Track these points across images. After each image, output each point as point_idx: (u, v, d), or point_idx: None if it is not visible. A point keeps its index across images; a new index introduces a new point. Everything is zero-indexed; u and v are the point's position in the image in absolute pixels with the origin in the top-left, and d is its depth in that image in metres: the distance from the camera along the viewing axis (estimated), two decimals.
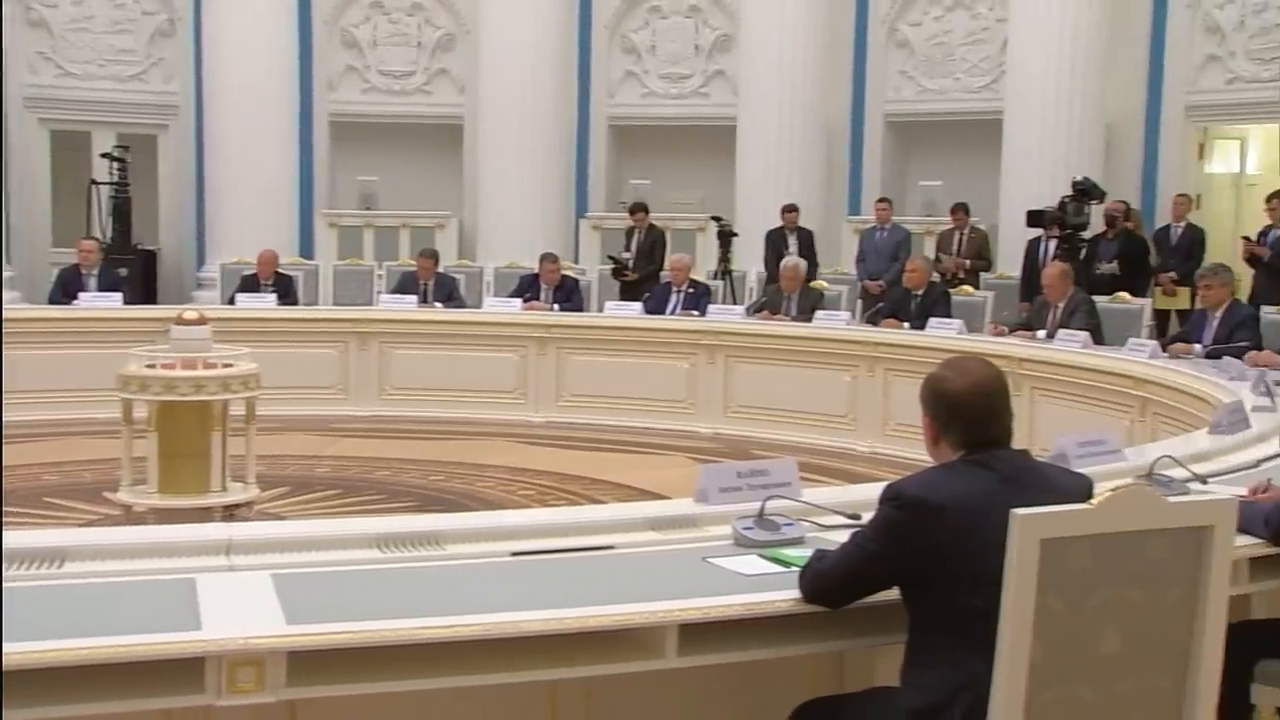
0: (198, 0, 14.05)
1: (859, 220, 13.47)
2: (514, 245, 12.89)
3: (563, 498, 7.65)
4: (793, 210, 11.99)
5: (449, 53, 14.91)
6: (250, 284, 10.82)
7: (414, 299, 10.64)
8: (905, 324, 9.51)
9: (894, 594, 2.62)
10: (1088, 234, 10.75)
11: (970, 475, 2.60)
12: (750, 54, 13.46)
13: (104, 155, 13.15)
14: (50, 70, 14.26)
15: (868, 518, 2.75)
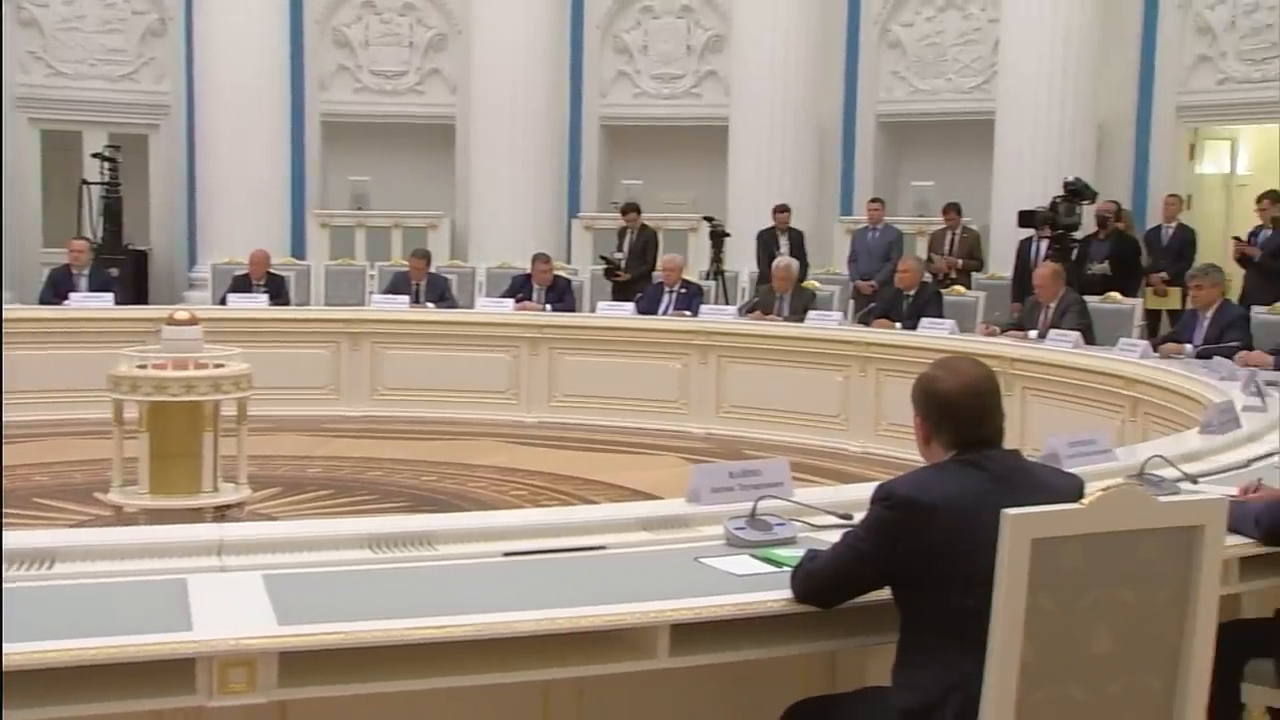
0: (189, 0, 14.03)
1: (851, 220, 13.45)
2: (506, 245, 12.90)
3: (555, 498, 7.64)
4: (784, 210, 12.00)
5: (441, 52, 14.89)
6: (242, 284, 10.81)
7: (406, 299, 10.63)
8: (897, 324, 9.52)
9: (886, 594, 2.62)
10: (1079, 234, 10.78)
11: (962, 475, 2.60)
12: (742, 54, 13.47)
13: (95, 155, 13.08)
14: (41, 70, 14.24)
15: (860, 518, 2.76)
